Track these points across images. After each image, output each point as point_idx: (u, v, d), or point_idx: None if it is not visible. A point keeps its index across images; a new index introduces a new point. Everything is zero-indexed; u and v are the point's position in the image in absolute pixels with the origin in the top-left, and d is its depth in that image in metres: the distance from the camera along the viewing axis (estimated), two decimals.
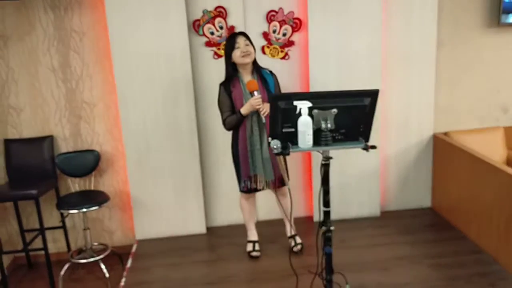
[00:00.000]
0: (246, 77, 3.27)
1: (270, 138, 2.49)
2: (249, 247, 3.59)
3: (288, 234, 3.63)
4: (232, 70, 3.27)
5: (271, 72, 3.37)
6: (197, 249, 3.74)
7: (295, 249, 3.53)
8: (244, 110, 3.18)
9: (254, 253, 3.55)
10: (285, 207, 3.48)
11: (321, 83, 3.78)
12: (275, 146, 2.43)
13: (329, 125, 2.42)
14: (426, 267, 3.27)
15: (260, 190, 3.42)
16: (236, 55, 3.21)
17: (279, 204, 3.47)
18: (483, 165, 3.39)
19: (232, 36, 3.25)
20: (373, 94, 2.46)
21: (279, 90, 3.37)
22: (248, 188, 3.38)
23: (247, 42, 3.23)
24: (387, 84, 3.97)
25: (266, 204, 4.06)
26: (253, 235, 3.63)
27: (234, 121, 3.25)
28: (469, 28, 4.02)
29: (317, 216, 3.15)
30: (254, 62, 3.31)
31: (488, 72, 4.12)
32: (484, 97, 4.18)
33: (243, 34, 3.28)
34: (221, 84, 3.31)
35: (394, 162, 4.15)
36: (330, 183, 2.53)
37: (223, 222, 4.11)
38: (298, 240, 3.59)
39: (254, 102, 3.13)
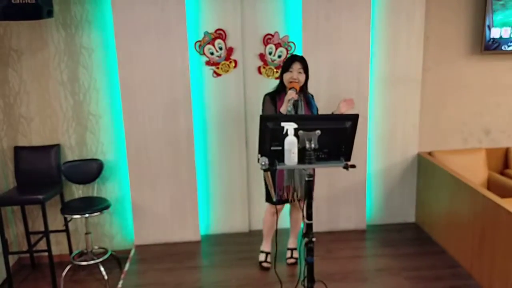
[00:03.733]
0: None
1: (259, 155, 2.73)
2: (262, 257, 3.73)
3: (289, 246, 3.80)
4: (281, 86, 3.44)
5: (312, 95, 3.53)
6: (191, 256, 3.97)
7: (289, 261, 3.74)
8: (283, 108, 3.26)
9: (265, 264, 3.69)
10: (296, 220, 3.69)
11: None
12: (263, 163, 2.67)
13: (313, 145, 2.66)
14: (403, 278, 3.48)
15: (289, 202, 3.53)
16: (286, 78, 3.37)
17: (292, 216, 3.68)
18: (461, 185, 3.62)
19: (291, 59, 3.40)
20: (354, 118, 2.70)
21: (317, 110, 3.52)
22: (281, 198, 3.45)
23: (301, 70, 3.36)
24: (375, 104, 4.22)
25: (260, 213, 4.28)
26: (267, 246, 3.75)
27: None
28: (454, 54, 4.27)
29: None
30: (303, 86, 3.42)
31: (471, 96, 4.37)
32: (467, 119, 4.42)
33: (301, 60, 3.37)
34: (267, 94, 3.46)
35: (380, 179, 4.38)
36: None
37: (216, 231, 4.33)
38: (295, 254, 3.76)
39: (289, 93, 3.23)
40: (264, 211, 4.10)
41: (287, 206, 3.72)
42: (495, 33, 4.18)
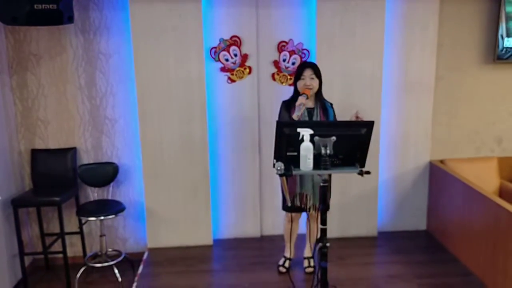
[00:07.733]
0: (309, 103, 3.44)
1: (275, 160, 2.76)
2: (281, 261, 3.77)
3: (305, 255, 3.81)
4: (296, 94, 3.47)
5: (331, 104, 3.56)
6: (204, 259, 4.01)
7: (307, 270, 3.73)
8: (294, 115, 3.29)
9: (281, 268, 3.72)
10: (312, 230, 3.65)
11: None
12: (278, 168, 2.70)
13: (328, 151, 2.69)
14: (415, 286, 3.49)
15: (304, 211, 3.53)
16: (300, 86, 3.43)
17: (308, 225, 3.68)
18: (474, 194, 3.63)
19: (302, 66, 3.48)
20: (369, 125, 2.74)
21: (336, 120, 3.53)
22: (292, 205, 3.46)
23: (313, 76, 3.42)
24: (387, 112, 4.24)
25: (272, 219, 4.32)
26: (288, 252, 3.77)
27: None
28: (467, 63, 4.29)
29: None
30: (318, 92, 3.49)
31: (483, 104, 4.38)
32: (479, 128, 4.43)
33: (312, 66, 3.45)
34: (284, 101, 3.52)
35: (392, 186, 4.40)
36: (331, 203, 2.80)
37: (229, 235, 4.36)
38: (312, 263, 3.75)
39: (299, 99, 3.30)
40: (277, 217, 4.16)
41: (304, 215, 3.73)
42: (508, 42, 4.20)
